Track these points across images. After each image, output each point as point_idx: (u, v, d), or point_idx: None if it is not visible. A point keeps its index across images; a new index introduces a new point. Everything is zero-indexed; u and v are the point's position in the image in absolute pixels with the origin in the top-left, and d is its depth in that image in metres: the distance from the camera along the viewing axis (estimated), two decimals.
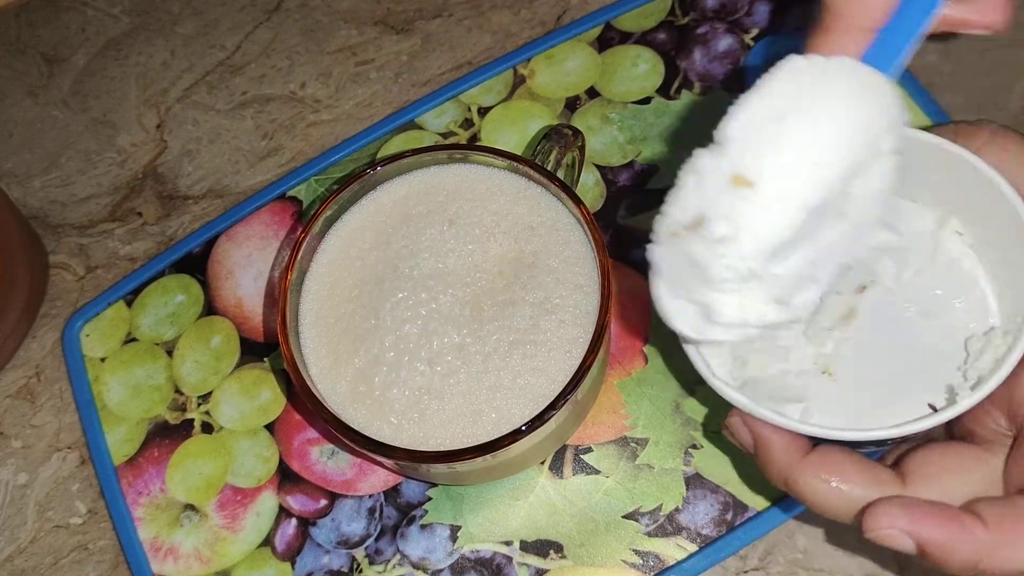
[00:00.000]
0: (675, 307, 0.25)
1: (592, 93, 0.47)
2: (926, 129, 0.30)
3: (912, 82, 0.45)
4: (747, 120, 0.22)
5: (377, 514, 0.40)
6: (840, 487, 0.29)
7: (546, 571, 0.38)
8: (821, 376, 0.32)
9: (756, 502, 0.38)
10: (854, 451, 0.30)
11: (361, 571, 0.39)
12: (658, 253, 0.23)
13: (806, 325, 0.32)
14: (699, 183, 0.23)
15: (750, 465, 0.39)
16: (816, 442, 0.30)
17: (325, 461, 0.41)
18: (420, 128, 0.48)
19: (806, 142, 0.21)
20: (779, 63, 0.23)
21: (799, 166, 0.22)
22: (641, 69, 0.47)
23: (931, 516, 0.28)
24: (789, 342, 0.32)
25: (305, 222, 0.37)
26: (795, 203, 0.22)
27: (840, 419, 0.31)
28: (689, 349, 0.30)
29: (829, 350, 0.32)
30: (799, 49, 0.46)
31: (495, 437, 0.32)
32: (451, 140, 0.47)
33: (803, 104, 0.22)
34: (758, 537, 0.38)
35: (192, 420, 0.43)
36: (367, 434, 0.33)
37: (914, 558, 0.28)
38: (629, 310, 0.42)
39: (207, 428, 0.42)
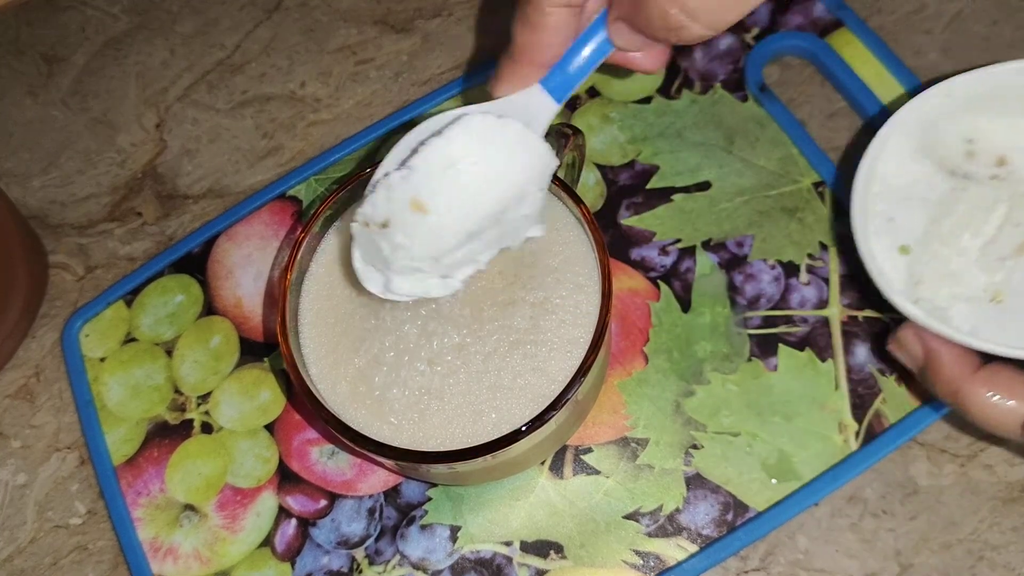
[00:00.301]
0: (367, 272, 0.30)
1: (592, 92, 0.47)
2: None
3: (911, 79, 0.45)
4: (430, 159, 0.27)
5: (377, 514, 0.40)
6: (1009, 403, 0.31)
7: (546, 571, 0.38)
8: (990, 303, 0.33)
9: (756, 502, 0.38)
10: (1021, 370, 0.31)
11: (361, 571, 0.39)
12: (356, 231, 0.29)
13: (979, 253, 0.34)
14: (388, 195, 0.27)
15: (750, 465, 0.39)
16: (985, 361, 0.32)
17: (325, 461, 0.41)
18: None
19: (471, 185, 0.27)
20: (462, 118, 0.28)
21: (464, 203, 0.28)
22: None
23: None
24: (961, 269, 0.34)
25: (305, 222, 0.37)
26: (458, 229, 0.28)
27: (1009, 340, 0.32)
28: (870, 267, 0.34)
29: (999, 279, 0.33)
30: (800, 50, 0.46)
31: (495, 437, 0.32)
32: None
33: (473, 154, 0.28)
34: (759, 537, 0.38)
35: (192, 420, 0.43)
36: (367, 434, 0.33)
37: None
38: (629, 310, 0.42)
39: (207, 428, 0.42)
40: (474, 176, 0.28)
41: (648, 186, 0.45)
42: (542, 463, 0.40)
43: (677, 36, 0.29)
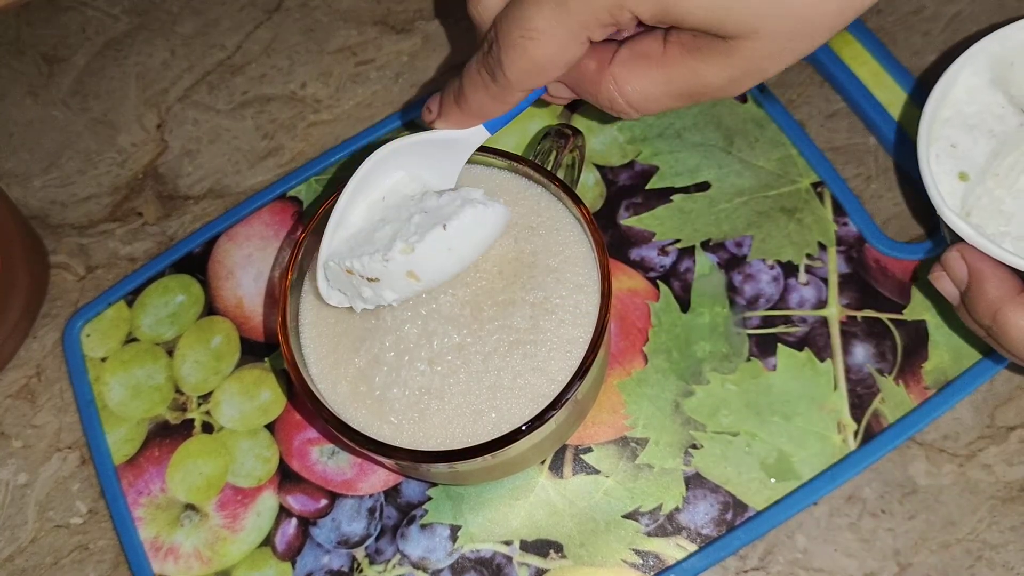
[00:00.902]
0: (329, 293, 0.35)
1: None
2: None
3: (910, 80, 0.45)
4: (433, 247, 0.32)
5: (377, 514, 0.40)
6: None
7: (546, 571, 0.38)
8: None
9: (756, 502, 0.38)
10: None
11: (361, 571, 0.39)
12: (331, 269, 0.34)
13: None
14: (386, 265, 0.32)
15: (749, 465, 0.39)
16: None
17: (325, 461, 0.41)
18: (420, 128, 0.48)
19: (459, 258, 0.33)
20: (464, 209, 0.32)
21: (450, 270, 0.33)
22: None
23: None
24: (1014, 209, 0.34)
25: (306, 222, 0.37)
26: (437, 285, 0.34)
27: None
28: (927, 181, 0.34)
29: None
30: None
31: (495, 437, 0.32)
32: None
33: (467, 239, 0.32)
34: (758, 537, 0.38)
35: (192, 420, 0.43)
36: (367, 434, 0.33)
37: None
38: (629, 310, 0.42)
39: (207, 428, 0.42)
40: (463, 252, 0.33)
41: (647, 187, 0.45)
42: (542, 463, 0.40)
43: (612, 111, 0.35)
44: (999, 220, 0.34)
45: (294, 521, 0.40)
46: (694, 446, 0.40)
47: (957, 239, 0.34)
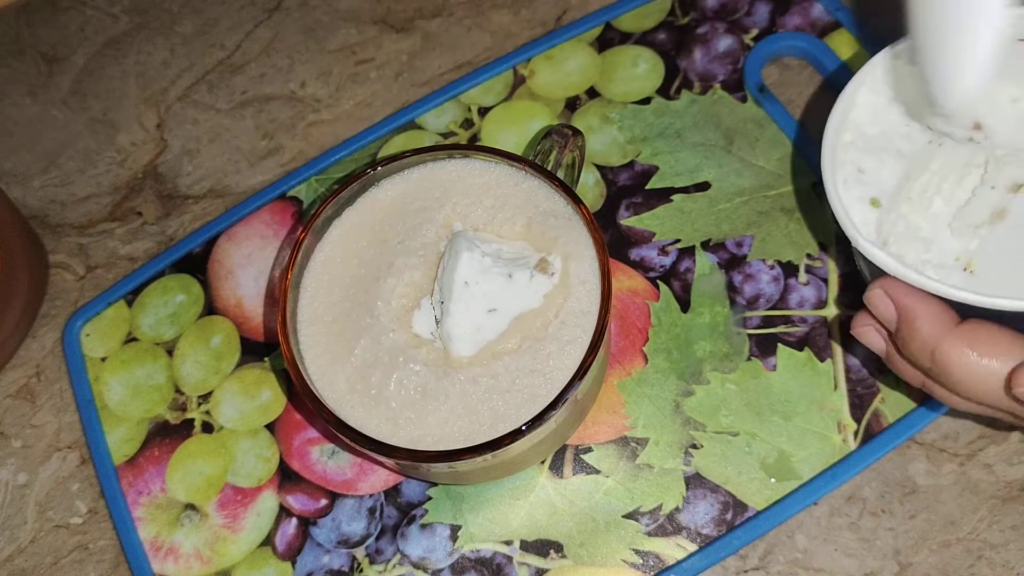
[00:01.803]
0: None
1: (592, 93, 0.47)
2: None
3: None
4: (461, 312, 0.34)
5: (377, 514, 0.40)
6: (991, 363, 0.27)
7: (546, 571, 0.38)
8: (962, 272, 0.31)
9: (756, 502, 0.38)
10: (1004, 327, 0.28)
11: (361, 571, 0.39)
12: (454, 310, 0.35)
13: (952, 218, 0.32)
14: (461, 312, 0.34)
15: (749, 465, 0.39)
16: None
17: (325, 461, 0.41)
18: (420, 128, 0.48)
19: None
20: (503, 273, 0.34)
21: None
22: (641, 69, 0.47)
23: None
24: (932, 235, 0.32)
25: (305, 222, 0.37)
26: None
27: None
28: (838, 211, 0.31)
29: (974, 247, 0.31)
30: (799, 50, 0.46)
31: (495, 437, 0.32)
32: (451, 140, 0.47)
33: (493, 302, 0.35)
34: (758, 537, 0.38)
35: (192, 420, 0.43)
36: (367, 433, 0.33)
37: None
38: (629, 310, 0.42)
39: (207, 428, 0.42)
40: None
41: (647, 186, 0.45)
42: (542, 462, 0.40)
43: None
44: (918, 247, 0.32)
45: (294, 521, 0.40)
46: (694, 446, 0.40)
47: (878, 273, 0.31)
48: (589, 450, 0.40)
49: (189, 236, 0.47)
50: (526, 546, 0.39)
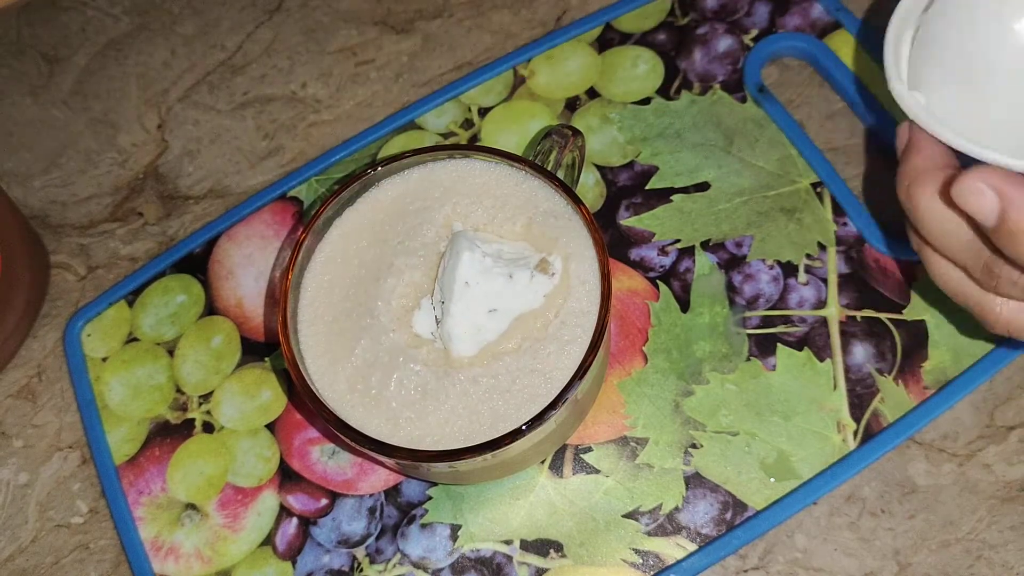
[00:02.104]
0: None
1: (592, 93, 0.47)
2: None
3: None
4: (461, 312, 0.34)
5: (377, 513, 0.40)
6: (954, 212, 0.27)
7: (546, 570, 0.38)
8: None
9: (755, 501, 0.38)
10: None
11: (362, 570, 0.39)
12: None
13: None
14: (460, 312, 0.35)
15: (749, 464, 0.39)
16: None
17: (326, 461, 0.41)
18: (420, 128, 0.48)
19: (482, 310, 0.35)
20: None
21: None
22: (641, 69, 0.48)
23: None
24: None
25: (306, 222, 0.37)
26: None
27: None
28: (888, 46, 0.33)
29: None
30: (799, 51, 0.46)
31: (495, 437, 0.32)
32: (451, 140, 0.47)
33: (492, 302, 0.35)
34: (757, 536, 0.38)
35: (193, 420, 0.43)
36: (366, 433, 0.33)
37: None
38: (628, 310, 0.42)
39: (208, 428, 0.43)
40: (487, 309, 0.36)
41: (647, 187, 0.45)
42: (542, 462, 0.40)
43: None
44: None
45: (294, 521, 0.40)
46: (694, 446, 0.40)
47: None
48: (589, 450, 0.40)
49: (190, 236, 0.47)
50: (526, 546, 0.39)
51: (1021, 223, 0.26)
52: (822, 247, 0.43)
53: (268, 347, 0.44)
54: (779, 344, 0.41)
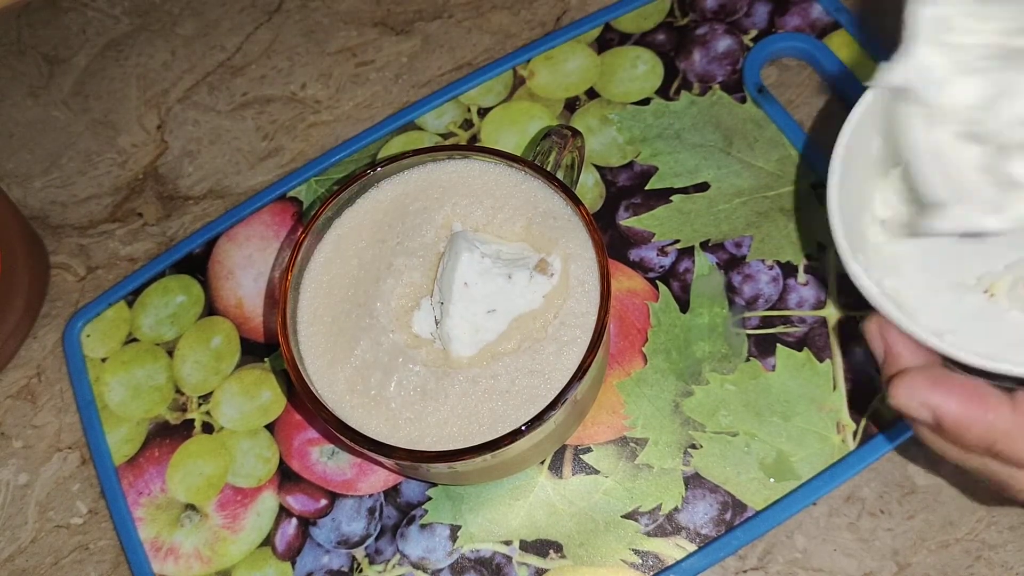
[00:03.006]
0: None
1: (592, 94, 0.47)
2: None
3: None
4: (461, 313, 0.34)
5: (377, 514, 0.40)
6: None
7: (546, 571, 0.38)
8: (981, 295, 0.30)
9: (755, 502, 0.38)
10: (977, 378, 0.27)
11: (361, 571, 0.39)
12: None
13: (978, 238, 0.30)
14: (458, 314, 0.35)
15: (748, 465, 0.39)
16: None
17: (325, 461, 0.41)
18: (420, 129, 0.48)
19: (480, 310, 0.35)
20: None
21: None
22: (640, 70, 0.48)
23: (955, 391, 0.27)
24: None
25: (305, 223, 0.37)
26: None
27: (988, 346, 0.28)
28: (840, 243, 0.29)
29: (999, 269, 0.30)
30: (798, 51, 0.46)
31: (494, 437, 0.32)
32: (451, 141, 0.47)
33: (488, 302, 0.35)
34: (757, 537, 0.38)
35: (193, 420, 0.43)
36: (366, 433, 0.33)
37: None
38: (628, 310, 0.42)
39: (207, 428, 0.43)
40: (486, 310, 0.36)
41: (647, 187, 0.45)
42: (541, 463, 0.40)
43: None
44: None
45: (294, 521, 0.40)
46: (693, 446, 0.40)
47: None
48: (588, 450, 0.40)
49: (189, 237, 0.47)
50: (525, 546, 0.39)
51: (960, 431, 0.27)
52: (822, 247, 0.43)
53: (268, 347, 0.44)
54: (779, 344, 0.41)
